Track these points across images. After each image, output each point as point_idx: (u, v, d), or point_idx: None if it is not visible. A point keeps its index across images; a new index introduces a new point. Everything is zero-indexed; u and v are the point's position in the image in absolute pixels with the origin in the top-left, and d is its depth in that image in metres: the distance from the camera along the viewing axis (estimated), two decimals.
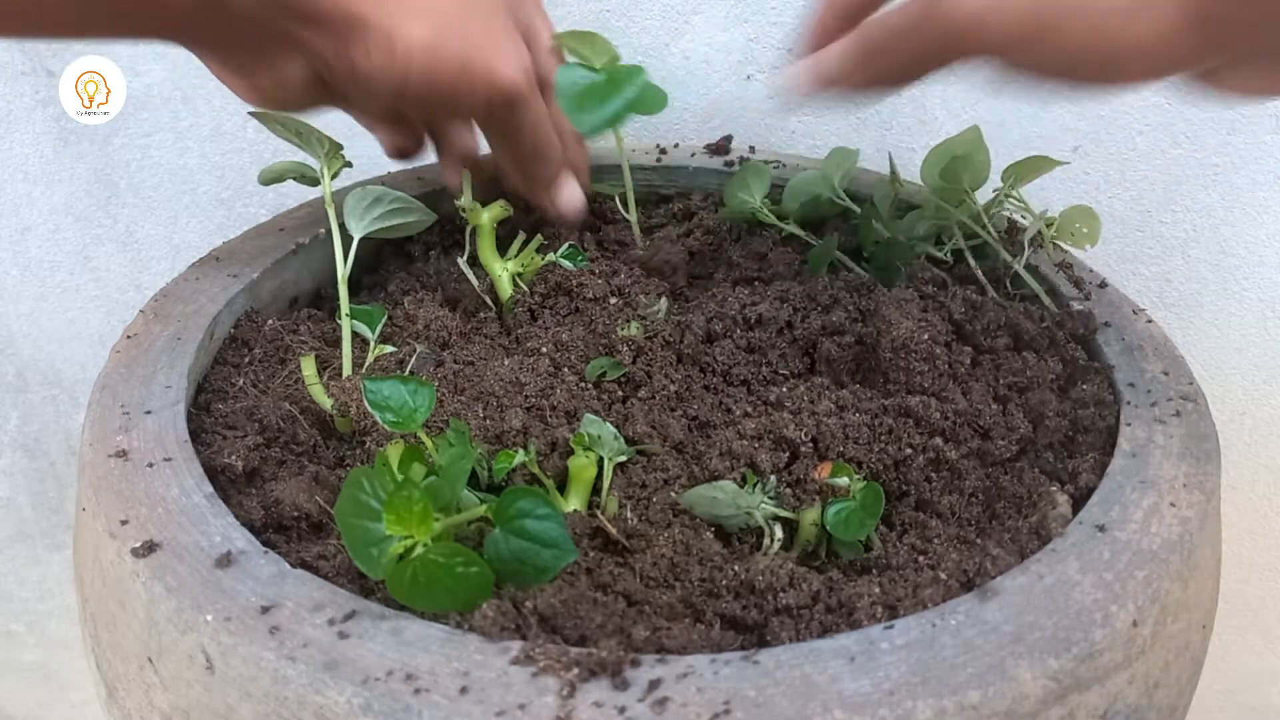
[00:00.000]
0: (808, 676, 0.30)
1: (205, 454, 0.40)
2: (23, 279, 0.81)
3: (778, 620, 0.34)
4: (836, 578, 0.36)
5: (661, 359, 0.46)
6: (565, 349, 0.46)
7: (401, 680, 0.30)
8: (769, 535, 0.39)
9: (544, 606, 0.33)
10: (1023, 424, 0.42)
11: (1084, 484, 0.40)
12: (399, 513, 0.33)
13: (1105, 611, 0.33)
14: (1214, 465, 0.40)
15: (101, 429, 0.41)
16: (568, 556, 0.34)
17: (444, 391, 0.44)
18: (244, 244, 0.53)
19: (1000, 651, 0.31)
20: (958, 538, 0.39)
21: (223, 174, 0.76)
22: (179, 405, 0.42)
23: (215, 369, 0.48)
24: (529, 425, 0.42)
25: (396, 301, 0.52)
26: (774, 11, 0.66)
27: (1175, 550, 0.35)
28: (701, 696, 0.29)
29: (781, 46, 0.67)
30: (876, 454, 0.42)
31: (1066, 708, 0.31)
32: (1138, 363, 0.45)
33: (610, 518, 0.39)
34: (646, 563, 0.36)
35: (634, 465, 0.41)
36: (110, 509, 0.37)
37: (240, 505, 0.39)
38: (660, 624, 0.34)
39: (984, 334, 0.46)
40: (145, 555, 0.35)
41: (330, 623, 0.32)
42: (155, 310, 0.48)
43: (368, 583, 0.35)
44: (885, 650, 0.31)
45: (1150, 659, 0.34)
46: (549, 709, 0.29)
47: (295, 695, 0.30)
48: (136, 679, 0.35)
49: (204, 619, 0.32)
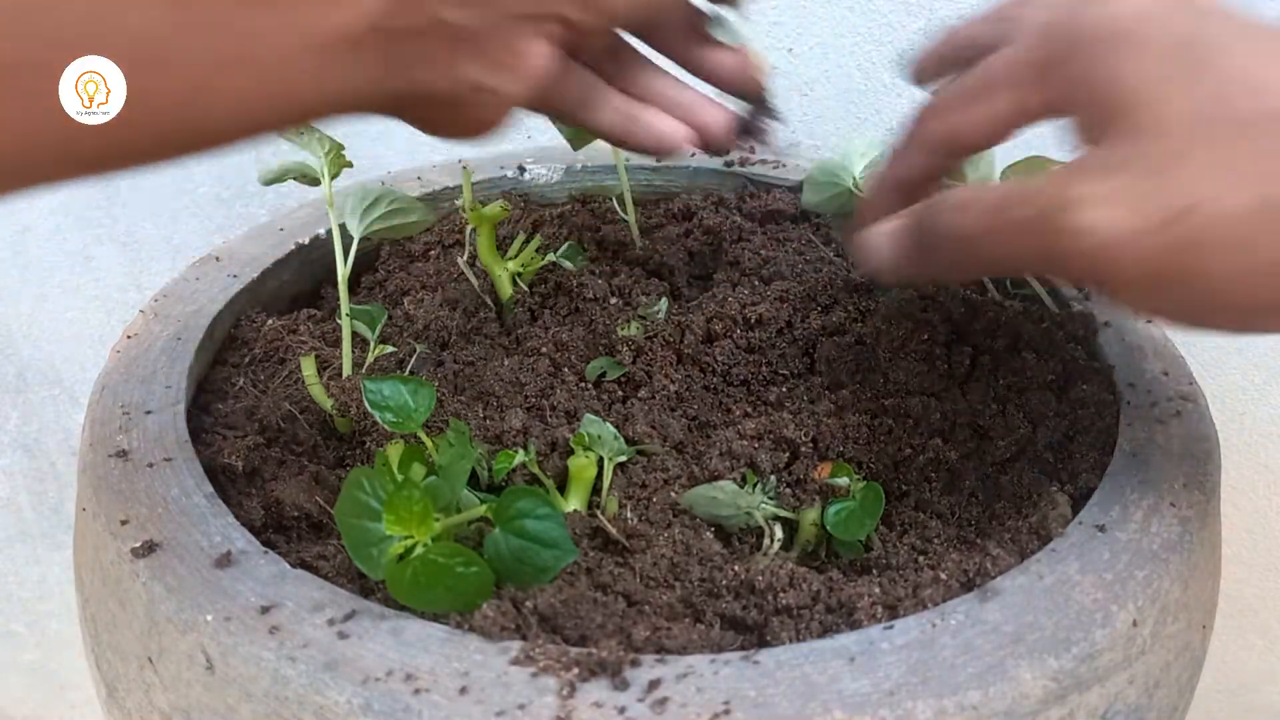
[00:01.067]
0: (808, 676, 0.30)
1: (205, 454, 0.40)
2: (23, 279, 0.81)
3: (778, 620, 0.34)
4: (836, 578, 0.36)
5: (661, 359, 0.46)
6: (565, 349, 0.46)
7: (401, 680, 0.30)
8: (769, 535, 0.39)
9: (544, 606, 0.33)
10: (1022, 424, 0.42)
11: (1084, 484, 0.40)
12: (399, 513, 0.33)
13: (1105, 612, 0.33)
14: (1214, 465, 0.40)
15: (101, 429, 0.41)
16: (568, 556, 0.34)
17: (444, 391, 0.44)
18: (244, 244, 0.53)
19: (1000, 652, 0.31)
20: (958, 538, 0.39)
21: (222, 174, 0.76)
22: (179, 405, 0.42)
23: (215, 369, 0.48)
24: (529, 425, 0.42)
25: (396, 301, 0.52)
26: (774, 11, 0.66)
27: (1175, 550, 0.35)
28: (701, 696, 0.29)
29: (781, 46, 0.67)
30: (876, 454, 0.42)
31: (1066, 708, 0.31)
32: (1138, 363, 0.45)
33: (610, 518, 0.39)
34: (646, 563, 0.36)
35: (634, 465, 0.41)
36: (110, 509, 0.37)
37: (240, 505, 0.39)
38: (660, 624, 0.34)
39: (984, 334, 0.46)
40: (145, 555, 0.35)
41: (330, 623, 0.32)
42: (155, 310, 0.48)
43: (368, 583, 0.35)
44: (885, 650, 0.31)
45: (1150, 659, 0.34)
46: (549, 709, 0.29)
47: (295, 695, 0.30)
48: (136, 679, 0.35)
49: (204, 619, 0.32)
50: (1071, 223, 0.29)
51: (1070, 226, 0.30)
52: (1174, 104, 0.29)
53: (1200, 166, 0.28)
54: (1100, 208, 0.29)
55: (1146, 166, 0.29)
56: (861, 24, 0.65)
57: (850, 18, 0.65)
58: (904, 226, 0.36)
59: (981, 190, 0.34)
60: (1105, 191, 0.29)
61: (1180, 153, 0.29)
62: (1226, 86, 0.29)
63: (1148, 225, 0.28)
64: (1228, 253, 0.28)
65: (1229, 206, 0.28)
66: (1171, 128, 0.29)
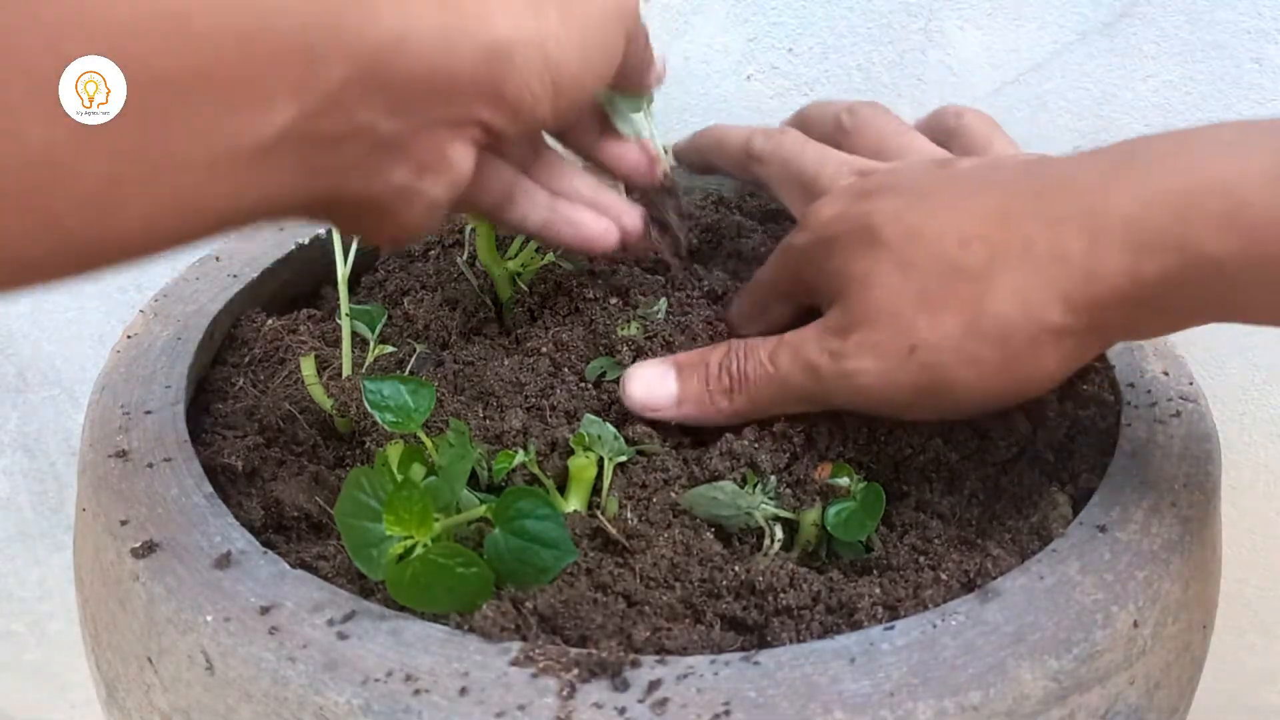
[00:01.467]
0: (808, 677, 0.30)
1: (205, 454, 0.40)
2: None
3: (778, 621, 0.34)
4: (837, 578, 0.36)
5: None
6: (565, 349, 0.46)
7: (401, 681, 0.30)
8: (769, 536, 0.39)
9: (544, 607, 0.33)
10: (1023, 425, 0.42)
11: (1084, 484, 0.40)
12: (399, 513, 0.33)
13: (1106, 612, 0.33)
14: (1214, 465, 0.40)
15: (101, 429, 0.41)
16: (568, 557, 0.34)
17: (444, 391, 0.44)
18: (244, 244, 0.53)
19: (1001, 652, 0.31)
20: (958, 538, 0.39)
21: None
22: (179, 405, 0.42)
23: (215, 369, 0.48)
24: (529, 425, 0.42)
25: (396, 301, 0.52)
26: (774, 11, 0.66)
27: (1175, 550, 0.35)
28: (701, 697, 0.29)
29: (781, 46, 0.67)
30: (876, 455, 0.41)
31: (1067, 708, 0.31)
32: (1138, 363, 0.45)
33: (610, 518, 0.38)
34: (646, 563, 0.36)
35: (634, 465, 0.41)
36: (110, 509, 0.37)
37: (240, 505, 0.39)
38: (660, 624, 0.34)
39: None
40: (145, 555, 0.35)
41: (330, 623, 0.32)
42: (155, 310, 0.48)
43: (368, 583, 0.35)
44: (886, 651, 0.31)
45: (1151, 659, 0.34)
46: (549, 709, 0.29)
47: (295, 696, 0.30)
48: (136, 679, 0.35)
49: (204, 619, 0.32)
50: (840, 369, 0.38)
51: (840, 372, 0.38)
52: (870, 274, 0.38)
53: (906, 312, 0.36)
54: (852, 360, 0.37)
55: (868, 323, 0.37)
56: (861, 24, 0.65)
57: (850, 18, 0.65)
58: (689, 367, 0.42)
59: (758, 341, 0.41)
60: (850, 346, 0.37)
61: (887, 306, 0.37)
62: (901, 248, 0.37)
63: (889, 365, 0.37)
64: (960, 368, 0.36)
65: (944, 335, 0.36)
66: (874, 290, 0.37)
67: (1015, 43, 0.64)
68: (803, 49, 0.67)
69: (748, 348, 0.41)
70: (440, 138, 0.33)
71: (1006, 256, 0.35)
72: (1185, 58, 0.62)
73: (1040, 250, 0.35)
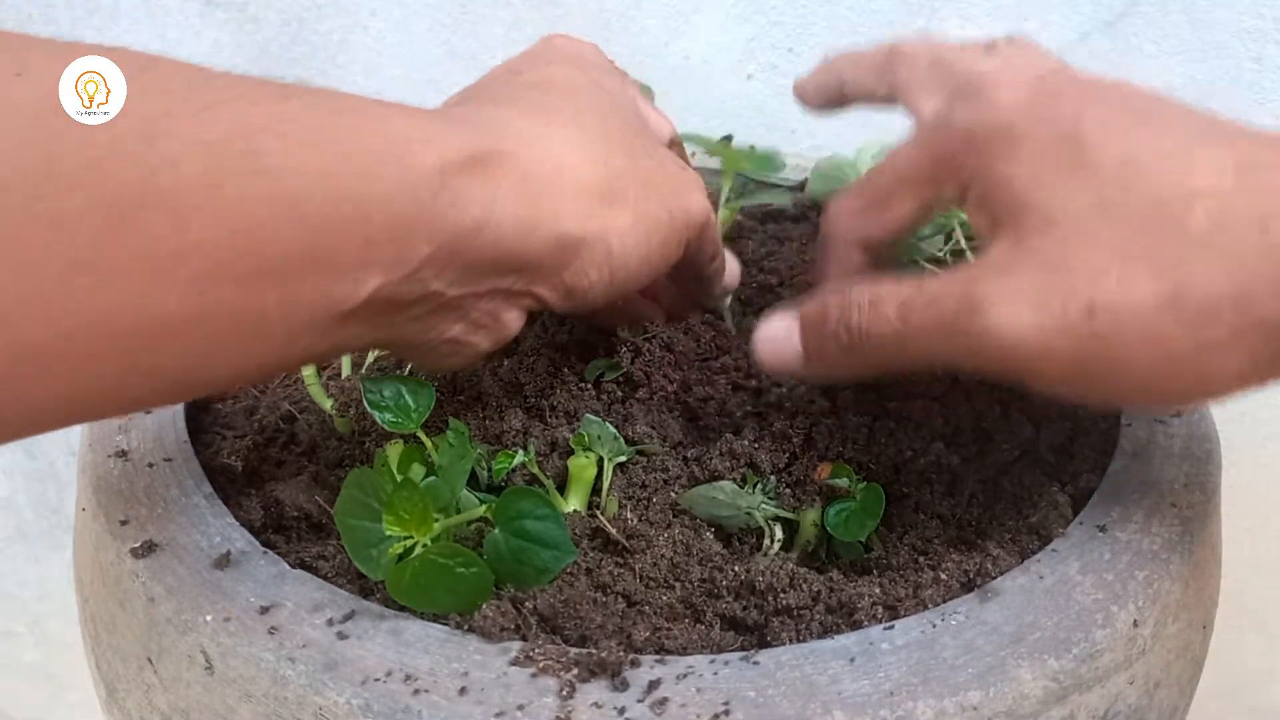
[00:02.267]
0: (808, 677, 0.30)
1: (205, 454, 0.40)
2: None
3: (778, 621, 0.34)
4: (837, 578, 0.36)
5: (661, 359, 0.46)
6: (564, 349, 0.46)
7: (401, 681, 0.30)
8: (769, 536, 0.39)
9: (544, 607, 0.33)
10: (1025, 426, 0.42)
11: (1084, 484, 0.40)
12: (398, 513, 0.33)
13: (1106, 612, 0.33)
14: (1214, 465, 0.40)
15: (101, 429, 0.41)
16: (567, 557, 0.34)
17: (443, 392, 0.44)
18: None
19: (1001, 652, 0.31)
20: (958, 538, 0.39)
21: None
22: (178, 405, 0.42)
23: None
24: (528, 425, 0.42)
25: None
26: (774, 11, 0.66)
27: (1175, 550, 0.35)
28: (701, 697, 0.29)
29: (781, 46, 0.67)
30: (876, 456, 0.41)
31: (1067, 708, 0.31)
32: None
33: (610, 518, 0.39)
34: (646, 563, 0.36)
35: (634, 465, 0.41)
36: (110, 509, 0.37)
37: (240, 505, 0.39)
38: (660, 624, 0.34)
39: None
40: (145, 555, 0.35)
41: (330, 623, 0.32)
42: None
43: (367, 583, 0.35)
44: (885, 651, 0.31)
45: (1151, 659, 0.34)
46: (548, 709, 0.29)
47: (295, 696, 0.30)
48: (136, 679, 0.35)
49: (203, 619, 0.32)
50: (979, 324, 0.31)
51: (979, 328, 0.31)
52: (1061, 203, 0.31)
53: (1095, 262, 0.29)
54: (1005, 307, 0.30)
55: (1041, 265, 0.30)
56: (861, 24, 0.65)
57: (850, 17, 0.65)
58: (811, 324, 0.37)
59: (887, 290, 0.34)
60: (1007, 292, 0.30)
61: (1072, 250, 0.30)
62: (1111, 180, 0.30)
63: (1053, 324, 0.29)
64: (1141, 346, 0.29)
65: (1135, 300, 0.29)
66: (1061, 226, 0.30)
67: None
68: (803, 49, 0.67)
69: (873, 298, 0.34)
70: (497, 304, 0.35)
71: (1237, 226, 0.28)
72: (1185, 58, 0.62)
73: (1276, 230, 0.28)
